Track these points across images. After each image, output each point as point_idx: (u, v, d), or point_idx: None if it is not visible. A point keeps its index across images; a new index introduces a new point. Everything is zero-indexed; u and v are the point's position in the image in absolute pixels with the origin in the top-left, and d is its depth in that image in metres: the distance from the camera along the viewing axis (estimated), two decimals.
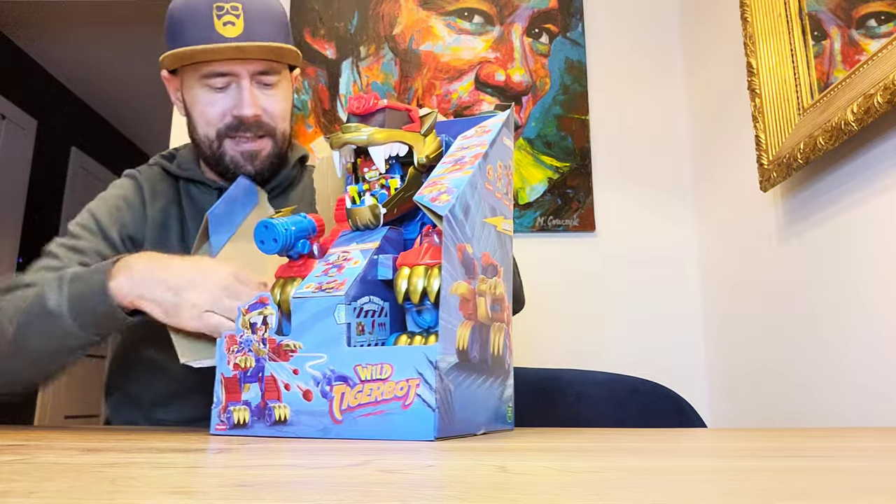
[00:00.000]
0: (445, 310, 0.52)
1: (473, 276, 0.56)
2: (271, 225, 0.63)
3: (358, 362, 0.52)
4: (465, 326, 0.54)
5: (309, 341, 0.54)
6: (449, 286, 0.53)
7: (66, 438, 0.53)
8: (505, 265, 0.62)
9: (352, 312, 0.55)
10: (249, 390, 0.56)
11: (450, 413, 0.51)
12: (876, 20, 0.95)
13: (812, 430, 0.73)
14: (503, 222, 0.63)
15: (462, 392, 0.53)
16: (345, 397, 0.52)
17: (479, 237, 0.58)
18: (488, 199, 0.60)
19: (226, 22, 0.81)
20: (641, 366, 1.42)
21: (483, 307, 0.58)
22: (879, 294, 0.95)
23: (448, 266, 0.53)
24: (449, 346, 0.52)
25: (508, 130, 0.65)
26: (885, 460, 0.38)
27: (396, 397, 0.50)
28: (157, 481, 0.27)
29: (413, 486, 0.26)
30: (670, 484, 0.27)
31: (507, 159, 0.65)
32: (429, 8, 1.76)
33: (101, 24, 3.07)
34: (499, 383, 0.60)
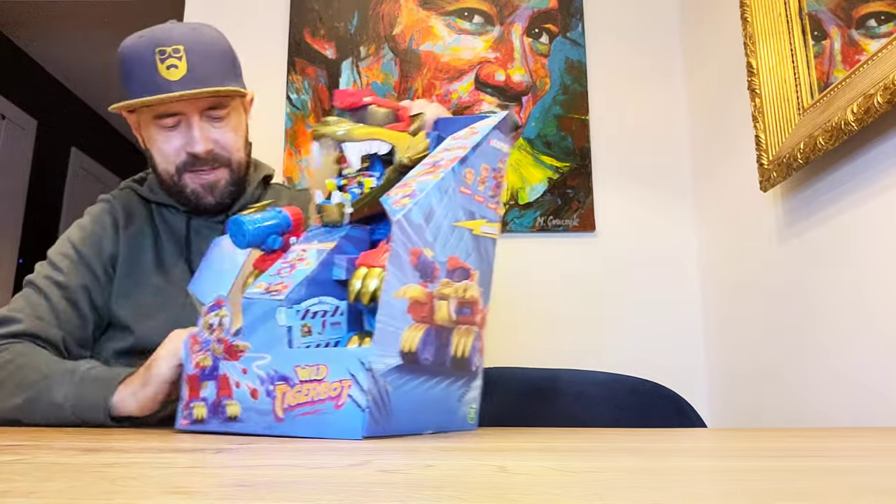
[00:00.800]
0: (386, 313, 0.53)
1: (432, 279, 0.57)
2: (240, 221, 0.64)
3: (297, 363, 0.54)
4: (415, 329, 0.55)
5: (255, 342, 0.57)
6: (394, 290, 0.54)
7: (66, 438, 0.53)
8: (482, 268, 0.63)
9: (294, 315, 0.56)
10: (206, 388, 0.60)
11: (385, 413, 0.52)
12: (876, 20, 0.95)
13: (812, 430, 0.73)
14: (484, 225, 0.63)
15: (406, 393, 0.54)
16: (286, 396, 0.54)
17: (446, 241, 0.58)
18: (463, 203, 0.61)
19: (169, 66, 0.84)
20: (641, 366, 1.42)
21: (444, 311, 0.58)
22: (879, 294, 0.95)
23: (395, 270, 0.54)
24: (388, 348, 0.53)
25: (502, 133, 0.65)
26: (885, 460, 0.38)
27: (330, 397, 0.52)
28: (157, 481, 0.27)
29: (413, 486, 0.26)
30: (669, 484, 0.27)
31: (497, 162, 0.65)
32: (429, 8, 1.76)
33: (101, 24, 3.07)
34: (460, 385, 0.61)
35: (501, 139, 0.66)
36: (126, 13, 2.93)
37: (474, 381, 0.63)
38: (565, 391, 1.20)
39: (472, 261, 0.62)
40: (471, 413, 0.63)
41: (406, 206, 0.55)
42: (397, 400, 0.53)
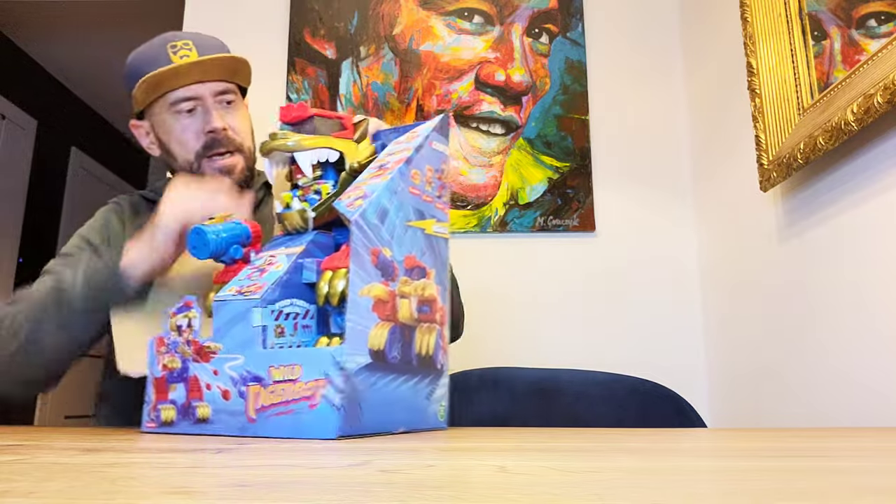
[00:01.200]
0: (354, 312, 0.54)
1: (393, 278, 0.58)
2: (202, 231, 0.65)
3: (271, 363, 0.54)
4: (381, 327, 0.56)
5: (228, 343, 0.57)
6: (359, 289, 0.54)
7: (66, 438, 0.53)
8: (437, 267, 0.64)
9: (268, 315, 0.57)
10: (175, 390, 0.60)
11: (357, 412, 0.53)
12: (876, 20, 0.95)
13: (812, 430, 0.73)
14: (435, 225, 0.64)
15: (376, 392, 0.55)
16: (259, 397, 0.54)
17: (402, 240, 0.60)
18: (413, 203, 0.62)
19: (181, 56, 0.89)
20: (641, 366, 1.42)
21: (406, 308, 0.59)
22: (879, 294, 0.95)
23: (358, 269, 0.55)
24: (359, 346, 0.54)
25: (441, 135, 0.67)
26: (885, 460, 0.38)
27: (305, 397, 0.52)
28: (157, 481, 0.27)
29: (413, 486, 0.26)
30: (670, 484, 0.27)
31: (439, 163, 0.66)
32: (429, 8, 1.76)
33: (101, 24, 3.07)
34: (427, 383, 0.61)
35: (441, 141, 0.67)
36: (126, 13, 2.93)
37: (441, 378, 0.63)
38: (565, 391, 1.20)
39: (427, 259, 0.63)
40: (440, 411, 0.63)
41: (361, 207, 0.56)
42: (368, 398, 0.54)
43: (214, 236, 0.65)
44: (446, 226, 0.67)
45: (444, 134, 0.68)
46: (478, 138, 1.69)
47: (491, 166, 1.67)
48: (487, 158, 1.68)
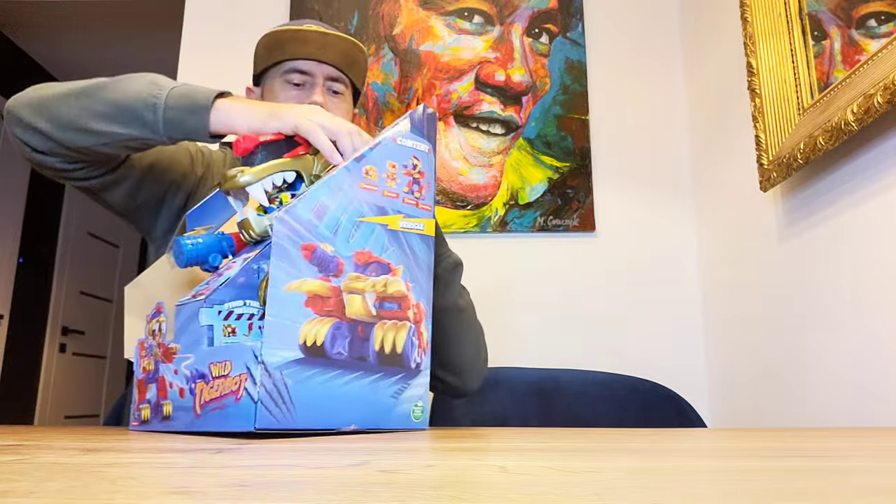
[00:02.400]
0: (276, 306, 0.54)
1: (337, 274, 0.59)
2: (179, 241, 0.68)
3: (211, 360, 0.56)
4: (318, 323, 0.57)
5: (183, 343, 0.60)
6: (284, 284, 0.55)
7: (66, 438, 0.53)
8: (407, 263, 0.64)
9: (215, 315, 0.59)
10: (150, 390, 0.63)
11: (285, 407, 0.53)
12: (876, 20, 0.95)
13: (812, 430, 0.73)
14: (403, 221, 0.65)
15: (313, 387, 0.55)
16: (203, 393, 0.56)
17: (350, 236, 0.60)
18: (370, 199, 0.62)
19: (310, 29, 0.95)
20: (641, 366, 1.42)
21: (357, 304, 0.60)
22: (879, 294, 0.95)
23: (281, 264, 0.55)
24: (284, 341, 0.54)
25: (414, 131, 0.68)
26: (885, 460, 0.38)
27: (232, 391, 0.54)
28: (157, 481, 0.27)
29: (413, 486, 0.26)
30: (670, 484, 0.27)
31: (409, 159, 0.67)
32: (429, 8, 1.76)
33: (101, 24, 3.07)
34: (394, 381, 0.61)
35: (412, 137, 0.67)
36: (126, 13, 2.93)
37: (415, 378, 0.63)
38: (565, 391, 1.20)
39: (392, 255, 0.63)
40: (415, 411, 0.63)
41: (288, 204, 0.58)
42: (301, 394, 0.54)
43: (190, 245, 0.67)
44: (422, 221, 0.66)
45: (420, 128, 0.68)
46: (478, 138, 1.69)
47: (491, 166, 1.67)
48: (487, 158, 1.68)
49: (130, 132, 0.73)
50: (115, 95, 0.74)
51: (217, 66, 1.74)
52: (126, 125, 0.73)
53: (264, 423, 0.52)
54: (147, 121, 0.72)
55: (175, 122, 0.72)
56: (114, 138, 0.74)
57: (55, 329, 3.39)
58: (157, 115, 0.72)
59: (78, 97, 0.75)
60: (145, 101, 0.72)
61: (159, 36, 2.99)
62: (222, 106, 0.72)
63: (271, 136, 0.70)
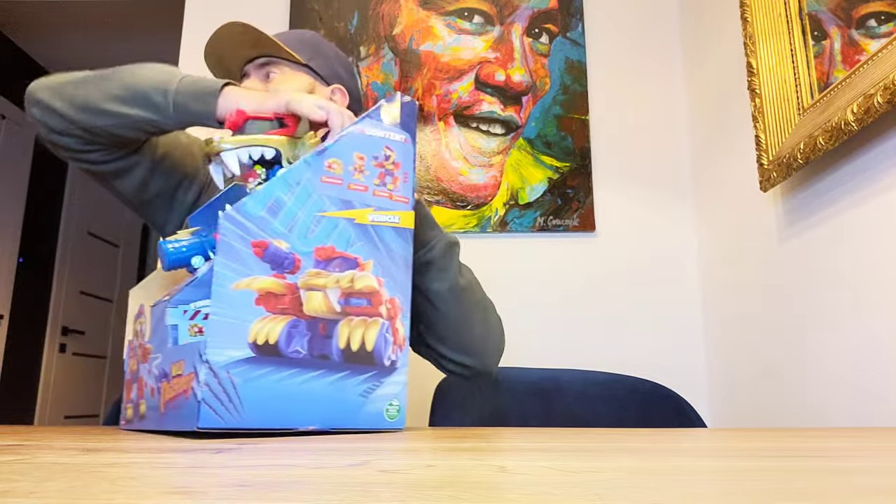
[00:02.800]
0: (223, 305, 0.54)
1: (293, 270, 0.58)
2: (161, 244, 0.68)
3: (173, 360, 0.56)
4: (271, 321, 0.56)
5: (154, 343, 0.61)
6: (231, 282, 0.54)
7: (66, 438, 0.53)
8: (379, 257, 0.62)
9: (179, 315, 0.58)
10: (133, 390, 0.64)
11: (232, 406, 0.53)
12: (876, 20, 0.95)
13: (812, 430, 0.73)
14: (373, 214, 0.63)
15: (266, 386, 0.54)
16: (165, 392, 0.57)
17: (308, 232, 0.59)
18: (332, 193, 0.61)
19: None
20: (641, 366, 1.42)
21: (317, 301, 0.58)
22: (879, 294, 0.95)
23: (228, 262, 0.55)
24: (231, 340, 0.54)
25: (379, 120, 0.66)
26: (885, 460, 0.38)
27: (185, 390, 0.54)
28: (157, 481, 0.27)
29: (413, 486, 0.26)
30: (670, 484, 0.27)
31: (380, 149, 0.65)
32: (429, 8, 1.76)
33: (101, 24, 3.07)
34: (363, 380, 0.59)
35: (384, 127, 0.66)
36: (126, 13, 2.93)
37: (389, 376, 0.61)
38: (565, 391, 1.20)
39: (360, 250, 0.62)
40: (389, 410, 0.61)
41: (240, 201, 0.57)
42: (251, 393, 0.54)
43: (172, 248, 0.67)
44: (396, 214, 0.64)
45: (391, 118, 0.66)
46: (478, 138, 1.69)
47: (491, 166, 1.67)
48: (487, 158, 1.68)
49: (142, 114, 0.77)
50: (131, 79, 0.79)
51: None
52: (138, 107, 0.77)
53: (208, 423, 0.51)
54: (158, 104, 0.76)
55: (184, 105, 0.75)
56: (126, 119, 0.78)
57: (55, 329, 3.39)
58: (168, 98, 0.75)
59: (95, 81, 0.80)
60: (157, 86, 0.76)
61: (159, 36, 2.99)
62: (229, 92, 0.75)
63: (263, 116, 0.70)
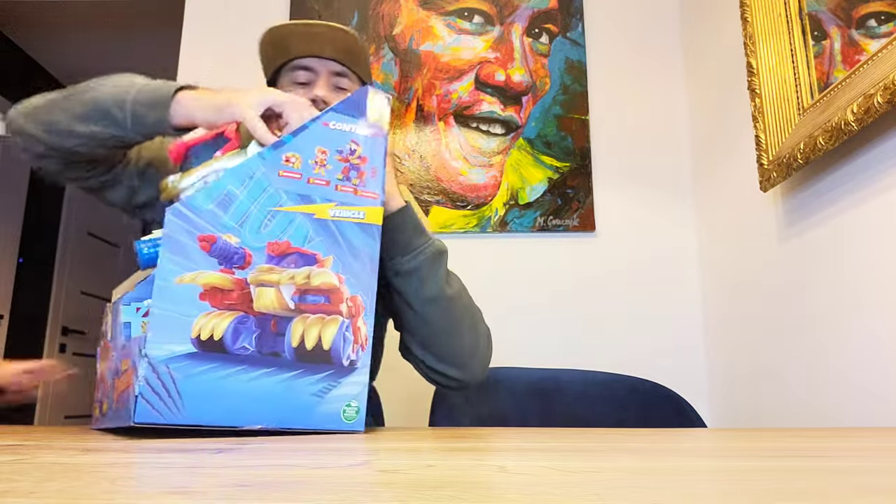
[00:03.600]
0: (164, 299, 0.53)
1: (243, 266, 0.56)
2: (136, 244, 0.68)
3: (123, 356, 0.57)
4: (217, 317, 0.55)
5: (113, 342, 0.61)
6: (173, 276, 0.54)
7: (66, 438, 0.53)
8: (339, 253, 0.61)
9: (132, 312, 0.59)
10: (100, 388, 0.64)
11: (171, 401, 0.52)
12: (876, 20, 0.95)
13: (812, 430, 0.73)
14: (334, 209, 0.61)
15: (208, 382, 0.53)
16: (117, 388, 0.57)
17: (261, 226, 0.58)
18: (288, 187, 0.60)
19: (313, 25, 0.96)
20: (641, 366, 1.42)
21: (269, 297, 0.57)
22: (879, 294, 0.95)
23: (173, 256, 0.54)
24: (172, 334, 0.53)
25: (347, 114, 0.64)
26: (885, 460, 0.38)
27: (128, 386, 0.54)
28: (157, 481, 0.27)
29: (413, 486, 0.26)
30: (670, 484, 0.27)
31: (345, 143, 0.63)
32: (429, 8, 1.76)
33: (101, 24, 3.07)
34: (318, 379, 0.57)
35: (351, 121, 0.64)
36: (126, 13, 2.93)
37: (347, 376, 0.58)
38: (565, 391, 1.20)
39: (319, 245, 0.60)
40: (347, 412, 0.58)
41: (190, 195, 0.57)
42: (192, 389, 0.53)
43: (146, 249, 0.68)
44: (360, 209, 0.62)
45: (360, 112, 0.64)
46: (478, 138, 1.69)
47: (491, 166, 1.67)
48: (487, 158, 1.68)
49: (105, 131, 0.76)
50: (92, 96, 0.76)
51: (217, 65, 1.74)
52: (101, 124, 0.75)
53: (145, 418, 0.50)
54: (117, 118, 0.74)
55: (141, 117, 0.74)
56: (93, 138, 0.76)
57: (55, 329, 3.39)
58: (125, 111, 0.74)
59: (62, 101, 0.78)
60: (115, 99, 0.74)
61: (159, 36, 2.99)
62: (183, 98, 0.73)
63: (198, 138, 0.70)
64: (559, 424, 1.15)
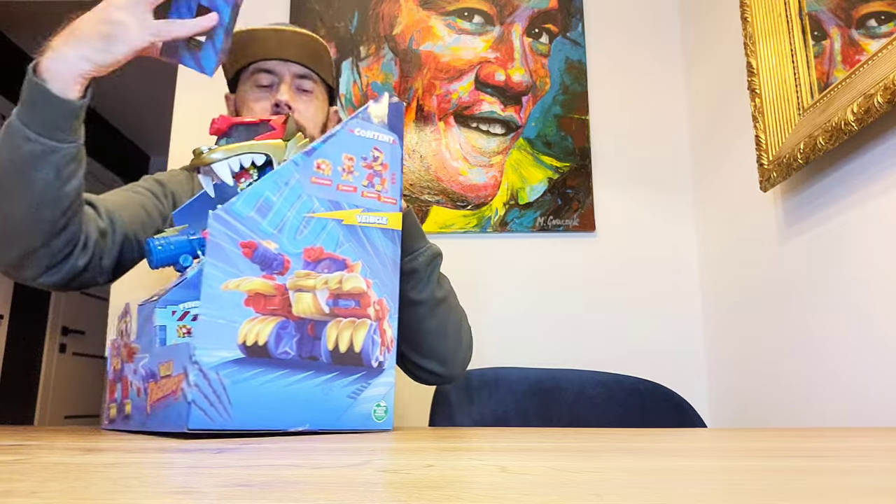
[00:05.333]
0: (212, 306, 0.53)
1: (282, 272, 0.57)
2: (150, 243, 0.68)
3: (160, 360, 0.56)
4: (260, 322, 0.55)
5: (141, 343, 0.60)
6: (220, 283, 0.54)
7: (66, 438, 0.53)
8: (367, 258, 0.62)
9: (168, 315, 0.59)
10: (117, 389, 0.63)
11: (221, 407, 0.52)
12: (876, 20, 0.95)
13: (812, 430, 0.73)
14: (361, 215, 0.62)
15: (255, 387, 0.54)
16: (152, 393, 0.57)
17: (297, 233, 0.59)
18: (320, 194, 0.61)
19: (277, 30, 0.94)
20: (641, 366, 1.42)
21: (307, 302, 0.58)
22: (879, 294, 0.95)
23: (217, 263, 0.54)
24: (221, 341, 0.53)
25: (369, 121, 0.65)
26: (885, 460, 0.38)
27: (173, 391, 0.54)
28: (158, 481, 0.27)
29: (413, 486, 0.26)
30: (670, 484, 0.27)
31: (368, 150, 0.64)
32: (429, 8, 1.76)
33: None
34: (351, 381, 0.59)
35: (373, 128, 0.65)
36: None
37: (376, 377, 0.60)
38: (566, 391, 1.20)
39: (349, 251, 0.61)
40: (377, 411, 0.60)
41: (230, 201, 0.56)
42: (241, 394, 0.53)
43: (159, 247, 0.67)
44: (384, 215, 0.64)
45: (379, 119, 0.66)
46: (478, 138, 1.69)
47: (491, 166, 1.67)
48: (487, 158, 1.68)
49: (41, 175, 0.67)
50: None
51: None
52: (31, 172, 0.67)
53: (198, 424, 0.51)
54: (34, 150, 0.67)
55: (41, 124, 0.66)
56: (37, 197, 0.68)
57: (55, 329, 3.39)
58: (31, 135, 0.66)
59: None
60: (16, 140, 0.66)
61: None
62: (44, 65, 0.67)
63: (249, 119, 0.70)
64: (560, 424, 1.15)
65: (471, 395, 1.18)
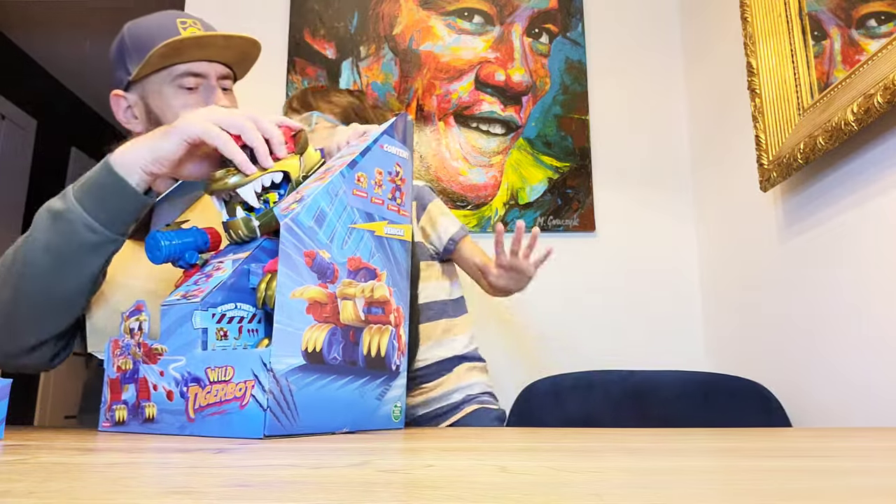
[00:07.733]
0: (283, 314, 0.54)
1: (333, 280, 0.59)
2: (157, 237, 0.67)
3: (208, 365, 0.56)
4: (317, 329, 0.57)
5: (172, 345, 0.59)
6: (289, 291, 0.55)
7: (66, 438, 0.53)
8: (390, 268, 0.65)
9: (209, 318, 0.59)
10: (128, 390, 0.62)
11: (290, 413, 0.53)
12: (876, 20, 0.95)
13: (812, 430, 0.73)
14: (387, 227, 0.65)
15: (313, 392, 0.56)
16: (197, 398, 0.56)
17: (344, 242, 0.61)
18: (359, 206, 0.63)
19: (191, 33, 0.87)
20: (641, 366, 1.42)
21: (350, 310, 0.60)
22: (879, 294, 0.95)
23: (288, 272, 0.55)
24: (290, 348, 0.54)
25: (393, 137, 0.67)
26: (885, 460, 0.38)
27: (236, 398, 0.54)
28: (157, 481, 0.27)
29: (413, 486, 0.26)
30: (670, 484, 0.27)
31: (392, 166, 0.67)
32: (429, 8, 1.76)
33: (100, 24, 3.07)
34: (379, 384, 0.62)
35: (396, 144, 0.68)
36: (126, 13, 2.93)
37: (395, 379, 0.64)
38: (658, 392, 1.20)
39: (378, 261, 0.64)
40: (395, 412, 0.64)
41: (294, 210, 0.57)
42: (303, 399, 0.55)
43: (167, 242, 0.67)
44: (403, 227, 0.67)
45: (401, 136, 0.68)
46: (478, 138, 1.69)
47: (491, 166, 1.67)
48: (487, 158, 1.68)
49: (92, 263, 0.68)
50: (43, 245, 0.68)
51: None
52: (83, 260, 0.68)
53: (273, 430, 0.52)
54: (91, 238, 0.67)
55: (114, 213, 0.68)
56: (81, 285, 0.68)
57: None
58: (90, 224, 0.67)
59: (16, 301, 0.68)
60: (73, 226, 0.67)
61: None
62: (119, 158, 0.68)
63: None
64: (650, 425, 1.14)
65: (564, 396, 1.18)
